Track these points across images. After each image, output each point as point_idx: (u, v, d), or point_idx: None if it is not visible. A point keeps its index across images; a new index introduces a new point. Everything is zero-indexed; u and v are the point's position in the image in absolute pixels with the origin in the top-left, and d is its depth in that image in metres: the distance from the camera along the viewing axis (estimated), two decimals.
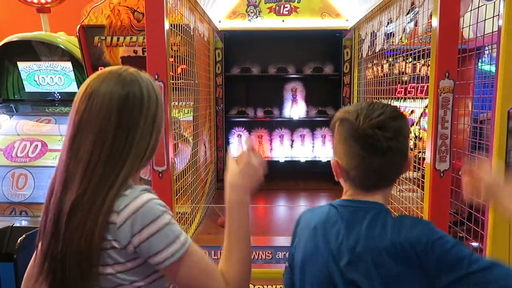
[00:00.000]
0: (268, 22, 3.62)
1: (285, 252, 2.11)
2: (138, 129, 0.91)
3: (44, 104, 3.38)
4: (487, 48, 2.31)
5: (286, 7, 3.60)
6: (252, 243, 0.98)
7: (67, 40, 3.24)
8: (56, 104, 3.38)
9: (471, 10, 1.78)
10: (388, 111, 0.96)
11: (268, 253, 2.08)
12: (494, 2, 1.58)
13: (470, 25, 1.78)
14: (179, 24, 2.35)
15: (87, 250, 0.84)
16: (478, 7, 1.73)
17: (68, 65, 3.23)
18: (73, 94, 3.38)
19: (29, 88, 3.33)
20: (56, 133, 3.20)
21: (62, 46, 3.16)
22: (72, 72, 3.24)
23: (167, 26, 1.83)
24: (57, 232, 0.87)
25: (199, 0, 2.77)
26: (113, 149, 0.88)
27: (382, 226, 0.93)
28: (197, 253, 0.90)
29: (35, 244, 0.95)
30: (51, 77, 3.29)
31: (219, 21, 3.60)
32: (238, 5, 3.61)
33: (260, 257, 2.10)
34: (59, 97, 3.34)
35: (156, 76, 1.80)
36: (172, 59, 2.10)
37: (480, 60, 2.45)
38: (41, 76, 3.30)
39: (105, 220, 0.84)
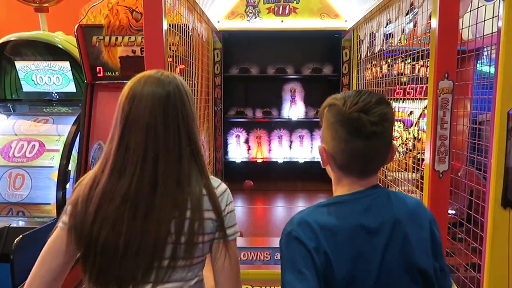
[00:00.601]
0: (267, 22, 3.62)
1: None
2: (187, 119, 1.04)
3: (41, 104, 3.36)
4: (486, 49, 2.31)
5: (285, 8, 3.60)
6: (251, 244, 0.99)
7: (65, 39, 3.22)
8: (54, 104, 3.37)
9: (470, 11, 1.78)
10: (374, 97, 0.98)
11: (266, 254, 2.08)
12: (494, 3, 1.58)
13: (469, 26, 1.77)
14: (177, 24, 2.34)
15: (194, 220, 1.00)
16: (478, 7, 1.73)
17: (66, 64, 3.22)
18: (71, 94, 3.36)
19: (26, 87, 3.32)
20: (53, 133, 3.18)
21: (60, 46, 3.15)
22: (70, 72, 3.23)
23: (165, 26, 1.82)
24: (118, 220, 0.97)
25: (197, 0, 2.76)
26: (169, 142, 1.00)
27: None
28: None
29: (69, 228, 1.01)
30: (49, 77, 3.27)
31: (218, 21, 3.59)
32: (237, 5, 3.60)
33: (258, 258, 2.09)
34: (57, 97, 3.33)
35: None
36: (171, 59, 2.09)
37: (479, 61, 2.45)
38: (39, 76, 3.28)
39: (201, 195, 1.03)
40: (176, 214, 0.98)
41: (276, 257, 2.11)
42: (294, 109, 4.05)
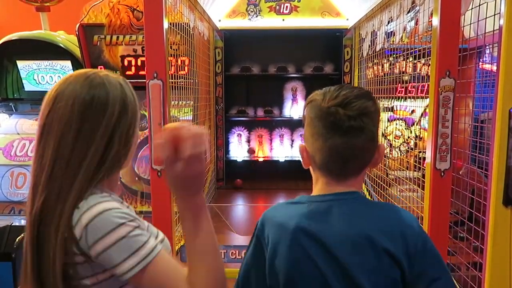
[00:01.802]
0: (268, 21, 3.61)
1: None
2: (97, 137, 0.86)
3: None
4: (488, 47, 2.30)
5: (286, 6, 3.59)
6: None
7: (67, 39, 3.23)
8: None
9: (472, 9, 1.77)
10: (355, 91, 0.93)
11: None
12: (495, 1, 1.57)
13: (471, 24, 1.77)
14: (178, 23, 2.34)
15: (53, 265, 0.81)
16: (479, 5, 1.72)
17: (68, 64, 3.22)
18: None
19: (28, 87, 3.32)
20: None
21: (62, 45, 3.15)
22: (72, 71, 3.22)
23: (166, 24, 1.82)
24: (30, 247, 0.85)
25: None
26: (72, 157, 0.84)
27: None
28: (163, 264, 0.81)
29: None
30: (50, 76, 3.28)
31: (219, 20, 3.59)
32: (238, 4, 3.60)
33: None
34: None
35: (155, 75, 1.79)
36: (172, 58, 2.09)
37: (480, 59, 2.44)
38: (41, 75, 3.28)
39: (64, 235, 0.80)
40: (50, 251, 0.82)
41: None
42: (295, 107, 4.04)
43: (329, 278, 0.88)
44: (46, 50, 3.17)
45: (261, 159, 4.07)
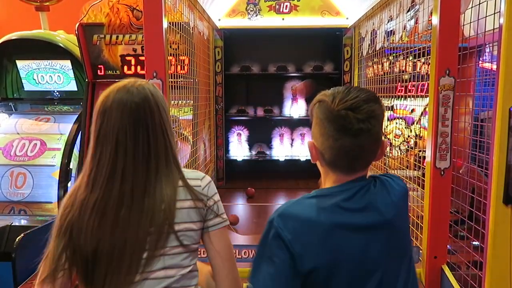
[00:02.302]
0: (268, 20, 3.61)
1: None
2: (156, 131, 1.07)
3: (43, 102, 3.37)
4: (488, 46, 2.30)
5: (286, 6, 3.59)
6: (252, 242, 0.98)
7: (66, 38, 3.23)
8: (55, 103, 3.37)
9: (471, 7, 1.77)
10: (363, 95, 0.99)
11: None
12: None
13: (470, 22, 1.76)
14: (178, 22, 2.33)
15: (168, 212, 1.04)
16: (479, 4, 1.72)
17: (67, 63, 3.22)
18: (72, 92, 3.38)
19: (28, 86, 3.32)
20: (55, 132, 3.18)
21: (61, 45, 3.15)
22: (71, 70, 3.23)
23: (165, 24, 1.82)
24: (88, 226, 1.01)
25: None
26: (138, 154, 1.04)
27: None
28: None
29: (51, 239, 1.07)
30: (50, 76, 3.28)
31: (219, 19, 3.59)
32: (237, 3, 3.59)
33: None
34: (58, 95, 3.33)
35: (154, 74, 1.79)
36: (171, 57, 2.09)
37: (480, 58, 2.44)
38: (40, 75, 3.29)
39: (177, 186, 1.08)
40: (146, 221, 1.03)
41: None
42: (295, 107, 4.04)
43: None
44: (46, 50, 3.17)
45: (261, 159, 4.07)
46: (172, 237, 1.05)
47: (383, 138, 1.05)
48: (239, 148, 4.08)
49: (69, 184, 2.90)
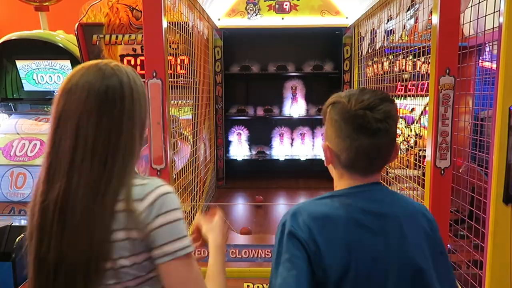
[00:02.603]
0: (268, 20, 3.61)
1: None
2: (123, 121, 0.90)
3: (43, 103, 3.36)
4: (487, 45, 2.30)
5: (286, 5, 3.59)
6: (252, 242, 0.98)
7: (66, 38, 3.22)
8: None
9: (471, 6, 1.77)
10: (378, 95, 0.99)
11: (267, 251, 2.07)
12: None
13: (470, 21, 1.76)
14: (177, 22, 2.33)
15: (99, 244, 0.83)
16: (479, 3, 1.72)
17: (67, 63, 3.22)
18: None
19: (27, 87, 3.32)
20: None
21: (61, 45, 3.15)
22: (71, 70, 3.23)
23: (165, 24, 1.82)
24: (46, 232, 0.86)
25: None
26: (98, 145, 0.87)
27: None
28: (195, 264, 0.89)
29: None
30: (49, 76, 3.28)
31: (218, 19, 3.59)
32: (237, 3, 3.59)
33: (259, 256, 2.09)
34: None
35: (154, 74, 1.79)
36: (171, 57, 2.09)
37: (480, 57, 2.44)
38: (40, 75, 3.28)
39: (114, 210, 0.85)
40: (93, 231, 0.85)
41: None
42: (295, 106, 4.04)
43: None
44: (45, 50, 3.17)
45: (261, 158, 4.07)
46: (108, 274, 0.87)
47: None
48: (239, 147, 4.07)
49: None
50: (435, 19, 1.70)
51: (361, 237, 0.95)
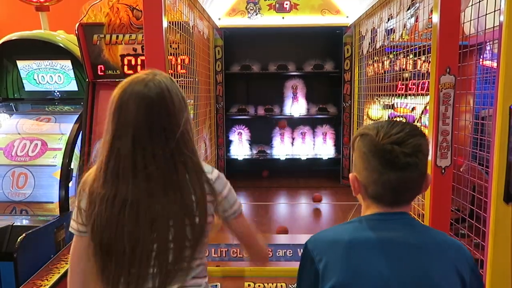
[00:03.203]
0: (268, 19, 3.61)
1: (285, 250, 2.11)
2: (173, 126, 1.05)
3: (44, 102, 3.37)
4: (488, 44, 2.30)
5: (286, 4, 3.59)
6: None
7: (66, 38, 3.22)
8: (56, 103, 3.37)
9: (471, 5, 1.76)
10: (407, 129, 0.98)
11: (268, 251, 2.08)
12: None
13: (471, 20, 1.76)
14: (178, 22, 2.33)
15: (201, 205, 1.07)
16: (479, 1, 1.72)
17: (68, 63, 3.22)
18: (72, 92, 3.36)
19: (28, 87, 3.32)
20: (56, 132, 3.18)
21: (62, 45, 3.15)
22: (72, 70, 3.23)
23: (165, 23, 1.82)
24: (120, 220, 1.02)
25: None
26: (156, 151, 1.03)
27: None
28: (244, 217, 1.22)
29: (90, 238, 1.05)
30: (50, 76, 3.28)
31: (219, 19, 3.59)
32: (237, 2, 3.59)
33: None
34: (59, 95, 3.33)
35: None
36: (172, 57, 2.09)
37: (481, 56, 2.44)
38: (41, 75, 3.29)
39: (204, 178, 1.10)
40: (179, 217, 1.04)
41: (278, 253, 2.11)
42: (296, 106, 4.04)
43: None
44: (46, 50, 3.17)
45: (261, 157, 4.07)
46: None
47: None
48: (239, 147, 4.08)
49: (70, 184, 2.90)
50: (435, 18, 1.70)
51: (367, 262, 0.95)
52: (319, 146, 4.07)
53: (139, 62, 3.00)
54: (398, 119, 3.30)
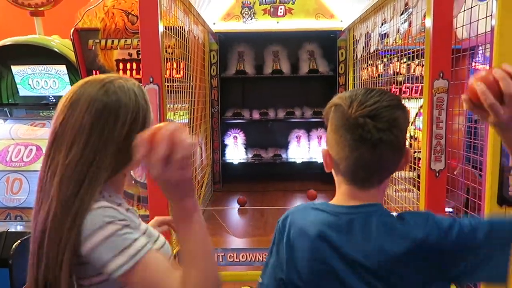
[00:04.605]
0: (263, 23, 3.62)
1: None
2: (106, 145, 0.88)
3: (38, 108, 3.36)
4: (481, 48, 2.32)
5: (281, 9, 3.61)
6: (249, 245, 0.99)
7: (61, 43, 3.22)
8: (51, 108, 3.36)
9: (464, 10, 1.79)
10: (384, 99, 0.88)
11: (264, 255, 2.08)
12: (487, 2, 1.59)
13: (463, 25, 1.79)
14: (173, 27, 2.34)
15: (61, 267, 0.82)
16: (471, 7, 1.74)
17: (63, 68, 3.21)
18: None
19: (23, 92, 3.31)
20: None
21: (56, 50, 3.15)
22: (67, 75, 3.23)
23: (161, 28, 1.82)
24: (36, 252, 0.88)
25: (193, 2, 2.77)
26: (78, 164, 0.86)
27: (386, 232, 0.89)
28: (154, 264, 0.80)
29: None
30: (45, 81, 3.27)
31: (214, 23, 3.60)
32: (232, 7, 3.61)
33: (257, 259, 2.09)
34: (54, 101, 3.32)
35: (151, 79, 1.79)
36: (167, 62, 2.10)
37: (473, 60, 2.46)
38: (36, 80, 3.28)
39: (75, 235, 0.82)
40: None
41: None
42: (290, 109, 4.05)
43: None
44: (41, 55, 3.16)
45: (257, 161, 4.08)
46: None
47: (407, 145, 0.93)
48: (235, 151, 4.08)
49: None
50: (429, 23, 1.73)
51: (322, 256, 0.92)
52: (314, 149, 4.08)
53: (134, 67, 3.00)
54: None
